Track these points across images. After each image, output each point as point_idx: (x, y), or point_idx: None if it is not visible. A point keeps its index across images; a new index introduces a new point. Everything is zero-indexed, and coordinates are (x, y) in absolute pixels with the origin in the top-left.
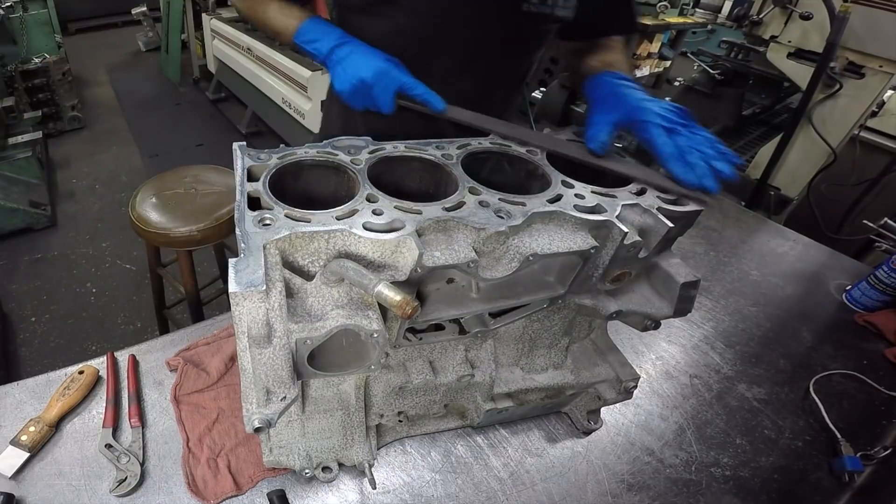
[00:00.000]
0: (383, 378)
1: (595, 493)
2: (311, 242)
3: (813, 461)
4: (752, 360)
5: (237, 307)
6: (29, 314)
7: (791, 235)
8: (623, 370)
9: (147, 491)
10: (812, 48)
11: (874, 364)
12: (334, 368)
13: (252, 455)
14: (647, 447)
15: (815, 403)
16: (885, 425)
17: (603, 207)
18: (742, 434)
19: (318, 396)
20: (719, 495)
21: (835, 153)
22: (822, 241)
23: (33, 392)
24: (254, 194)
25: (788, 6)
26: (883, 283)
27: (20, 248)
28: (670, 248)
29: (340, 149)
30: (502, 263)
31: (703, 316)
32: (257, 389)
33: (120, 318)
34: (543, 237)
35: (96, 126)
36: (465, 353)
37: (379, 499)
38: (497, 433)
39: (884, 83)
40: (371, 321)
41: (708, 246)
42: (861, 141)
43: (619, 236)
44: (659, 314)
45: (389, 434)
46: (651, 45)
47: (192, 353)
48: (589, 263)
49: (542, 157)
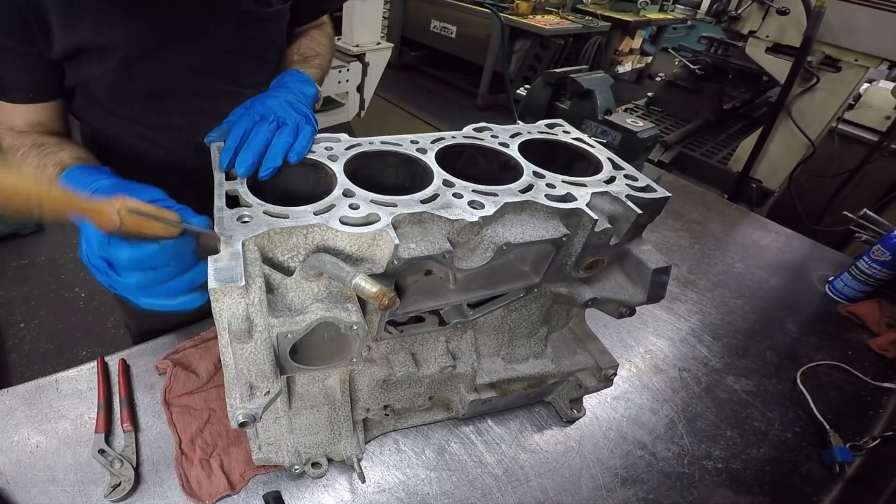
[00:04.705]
0: (367, 372)
1: (589, 488)
2: (289, 238)
3: (803, 452)
4: (740, 352)
5: (217, 303)
6: (18, 320)
7: (773, 227)
8: (602, 358)
9: (142, 495)
10: (789, 43)
11: (859, 354)
12: (317, 363)
13: (244, 454)
14: (639, 441)
15: (802, 395)
16: (872, 415)
17: (573, 196)
18: (732, 426)
19: (305, 392)
20: (712, 488)
21: (814, 145)
22: (803, 233)
23: (24, 398)
24: (232, 193)
25: (766, 2)
26: (864, 273)
27: (7, 253)
28: (641, 235)
29: (317, 146)
30: (477, 254)
31: (689, 309)
32: (240, 385)
33: (110, 323)
34: (516, 227)
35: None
36: (447, 345)
37: (375, 497)
38: (491, 430)
39: (860, 76)
40: (350, 313)
41: (692, 239)
42: (839, 133)
43: (590, 224)
44: (633, 301)
45: (376, 428)
46: (633, 42)
47: (181, 356)
48: (562, 251)
49: (513, 149)
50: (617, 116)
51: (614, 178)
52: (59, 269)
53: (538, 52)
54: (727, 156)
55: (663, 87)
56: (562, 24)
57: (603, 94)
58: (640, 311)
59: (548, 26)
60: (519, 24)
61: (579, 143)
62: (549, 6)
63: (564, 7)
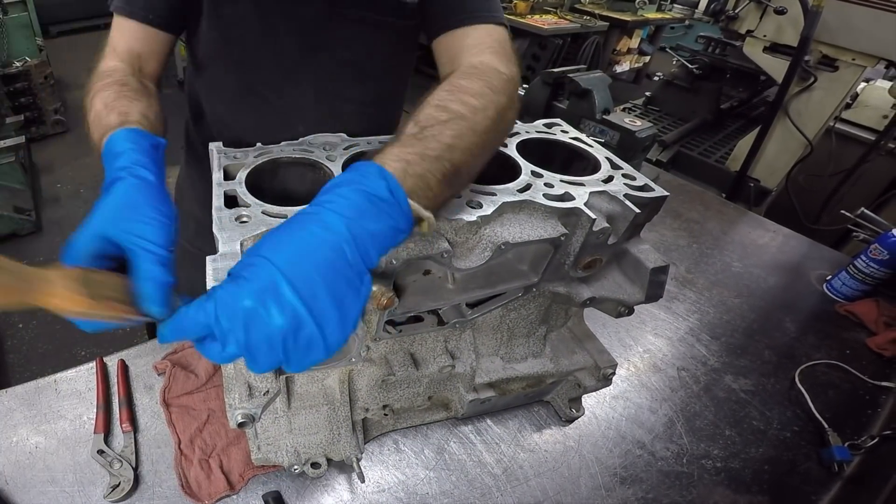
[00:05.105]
0: (366, 372)
1: (588, 487)
2: None
3: (802, 451)
4: (738, 351)
5: None
6: (16, 321)
7: (771, 226)
8: (601, 357)
9: (141, 495)
10: (787, 42)
11: (857, 353)
12: None
13: (243, 454)
14: (638, 440)
15: (801, 394)
16: (871, 414)
17: (571, 195)
18: (731, 425)
19: (304, 392)
20: (711, 487)
21: (811, 145)
22: (801, 232)
23: (23, 399)
24: (230, 193)
25: (763, 1)
26: (862, 272)
27: (5, 254)
28: (639, 235)
29: (316, 146)
30: (475, 253)
31: (687, 308)
32: (239, 385)
33: None
34: (514, 226)
35: (80, 130)
36: (445, 345)
37: (374, 497)
38: (490, 430)
39: (857, 75)
40: None
41: (691, 238)
42: (836, 132)
43: (588, 223)
44: (631, 300)
45: (376, 428)
46: (631, 41)
47: (180, 356)
48: (560, 251)
49: (511, 148)
50: (615, 116)
51: (612, 177)
52: None
53: (536, 52)
54: (725, 155)
55: (661, 86)
56: (560, 24)
57: (601, 94)
58: (639, 311)
59: (546, 26)
60: (517, 24)
61: (577, 142)
62: (547, 6)
63: (562, 7)
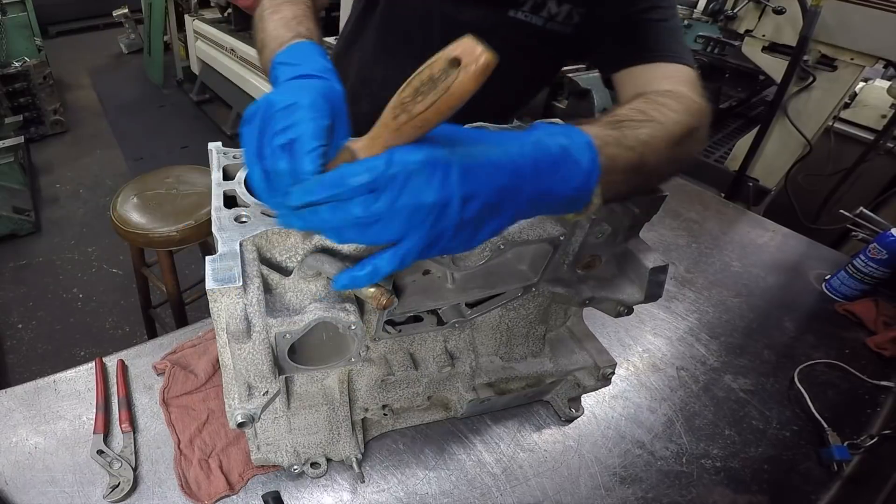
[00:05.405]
0: (366, 372)
1: (588, 487)
2: (286, 238)
3: (801, 451)
4: (737, 350)
5: (215, 303)
6: (15, 321)
7: (770, 226)
8: (600, 357)
9: (141, 496)
10: (786, 42)
11: (856, 353)
12: (316, 363)
13: (242, 454)
14: (637, 440)
15: (800, 393)
16: (870, 414)
17: None
18: (730, 425)
19: (303, 392)
20: (711, 486)
21: (810, 144)
22: (800, 232)
23: (22, 400)
24: (230, 193)
25: (762, 1)
26: (861, 272)
27: (4, 254)
28: (639, 234)
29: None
30: (475, 253)
31: (687, 308)
32: (239, 385)
33: (107, 323)
34: (514, 225)
35: (79, 130)
36: (445, 345)
37: (374, 497)
38: (489, 429)
39: (855, 75)
40: (348, 313)
41: (690, 238)
42: (835, 132)
43: (587, 222)
44: (630, 300)
45: (375, 428)
46: None
47: (179, 356)
48: (560, 250)
49: None
50: None
51: None
52: (57, 270)
53: None
54: (724, 154)
55: None
56: None
57: (600, 94)
58: (638, 310)
59: None
60: None
61: None
62: None
63: None
